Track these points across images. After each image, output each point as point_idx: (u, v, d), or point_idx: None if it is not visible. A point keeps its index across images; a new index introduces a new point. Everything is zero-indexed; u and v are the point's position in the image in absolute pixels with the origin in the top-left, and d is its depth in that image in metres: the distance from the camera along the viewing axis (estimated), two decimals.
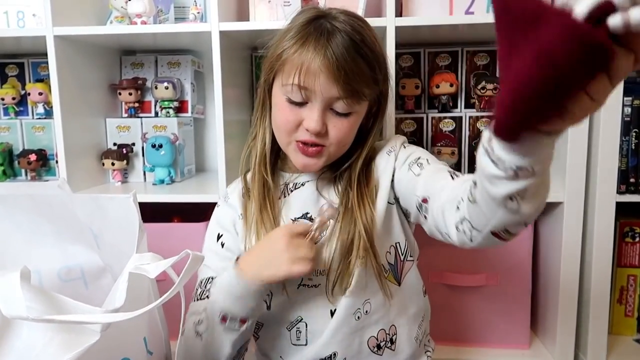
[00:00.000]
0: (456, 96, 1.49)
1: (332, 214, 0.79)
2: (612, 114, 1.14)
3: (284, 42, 0.79)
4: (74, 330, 0.50)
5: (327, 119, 0.79)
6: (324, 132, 0.79)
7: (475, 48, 1.49)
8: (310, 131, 0.78)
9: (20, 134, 1.56)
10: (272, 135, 0.87)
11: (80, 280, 0.89)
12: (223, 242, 0.89)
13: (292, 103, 0.79)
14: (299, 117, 0.79)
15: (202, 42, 1.45)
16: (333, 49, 0.74)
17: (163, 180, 1.44)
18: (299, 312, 0.85)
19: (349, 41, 0.75)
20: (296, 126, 0.80)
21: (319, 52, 0.74)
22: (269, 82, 0.84)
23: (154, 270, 0.56)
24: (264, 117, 0.88)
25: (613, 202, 1.16)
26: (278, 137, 0.85)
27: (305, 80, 0.75)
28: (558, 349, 1.24)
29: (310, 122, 0.78)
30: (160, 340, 0.79)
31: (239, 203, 0.90)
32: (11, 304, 0.46)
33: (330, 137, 0.80)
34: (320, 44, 0.75)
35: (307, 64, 0.75)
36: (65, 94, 1.29)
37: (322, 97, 0.77)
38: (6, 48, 1.55)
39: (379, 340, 0.84)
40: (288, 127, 0.81)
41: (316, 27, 0.77)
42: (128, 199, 0.76)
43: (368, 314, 0.83)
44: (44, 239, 0.85)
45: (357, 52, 0.76)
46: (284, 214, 0.87)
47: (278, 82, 0.81)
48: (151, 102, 1.57)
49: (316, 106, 0.77)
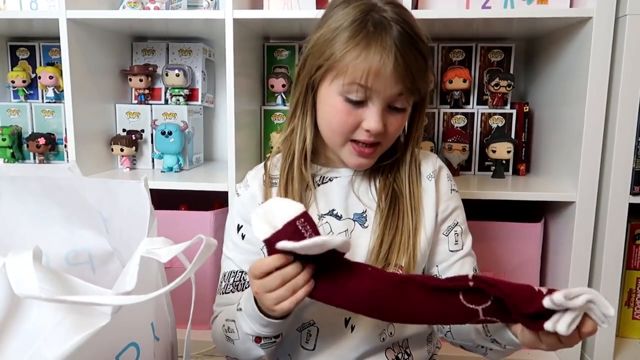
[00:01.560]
0: (469, 92, 1.48)
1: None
2: (627, 114, 1.12)
3: (342, 42, 0.74)
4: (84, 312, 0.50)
5: (384, 117, 0.76)
6: (383, 131, 0.76)
7: (489, 44, 1.47)
8: (372, 132, 0.75)
9: (30, 118, 1.56)
10: (313, 134, 0.83)
11: (87, 265, 0.89)
12: (243, 234, 0.86)
13: (351, 103, 0.75)
14: (358, 118, 0.76)
15: (214, 30, 1.44)
16: (398, 48, 0.71)
17: (172, 167, 1.44)
18: (311, 316, 0.82)
19: (407, 37, 0.72)
20: (354, 128, 0.77)
21: (388, 54, 0.71)
22: (316, 81, 0.79)
23: (166, 255, 0.55)
24: (304, 116, 0.83)
25: (626, 204, 1.15)
26: (330, 138, 0.81)
27: (371, 80, 0.72)
28: (564, 350, 1.23)
29: (370, 122, 0.75)
30: (167, 327, 0.79)
31: (260, 191, 0.86)
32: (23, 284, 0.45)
33: (386, 135, 0.78)
34: (387, 44, 0.71)
35: (377, 66, 0.72)
36: (76, 78, 1.29)
37: (384, 96, 0.74)
38: (18, 30, 1.55)
39: (395, 353, 0.83)
40: (345, 129, 0.77)
41: (373, 24, 0.73)
42: (139, 184, 0.75)
43: (392, 336, 0.82)
44: (52, 221, 0.84)
45: (415, 48, 0.73)
46: (311, 207, 0.84)
47: (334, 83, 0.76)
48: (161, 89, 1.56)
49: (377, 105, 0.75)
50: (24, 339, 0.51)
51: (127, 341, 0.63)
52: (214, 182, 1.27)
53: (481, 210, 1.19)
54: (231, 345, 0.79)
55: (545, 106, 1.41)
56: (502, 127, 1.45)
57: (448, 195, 0.87)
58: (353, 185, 0.85)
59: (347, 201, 0.84)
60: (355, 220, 0.83)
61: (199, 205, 1.38)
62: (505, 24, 1.28)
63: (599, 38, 1.12)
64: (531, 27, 1.34)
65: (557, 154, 1.31)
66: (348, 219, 0.83)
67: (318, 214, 0.84)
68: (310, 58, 0.79)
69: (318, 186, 0.85)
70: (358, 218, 0.83)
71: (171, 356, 0.81)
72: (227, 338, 0.79)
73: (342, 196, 0.85)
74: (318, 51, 0.77)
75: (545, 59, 1.40)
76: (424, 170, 0.87)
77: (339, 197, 0.84)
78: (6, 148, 1.50)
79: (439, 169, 0.88)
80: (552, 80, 1.36)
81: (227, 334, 0.79)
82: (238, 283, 0.85)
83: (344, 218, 0.83)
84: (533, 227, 1.27)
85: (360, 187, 0.86)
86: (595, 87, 1.13)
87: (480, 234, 1.14)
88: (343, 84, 0.74)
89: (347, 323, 0.81)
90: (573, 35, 1.21)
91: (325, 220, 0.83)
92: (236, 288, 0.85)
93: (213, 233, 1.29)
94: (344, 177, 0.86)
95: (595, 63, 1.12)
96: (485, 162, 1.47)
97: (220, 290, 0.86)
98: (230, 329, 0.78)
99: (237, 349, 0.79)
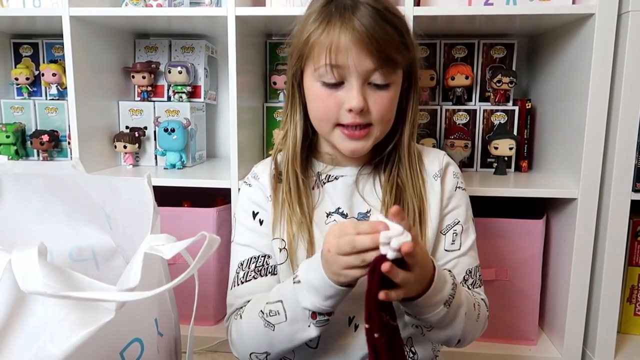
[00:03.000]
0: (471, 89, 1.48)
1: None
2: (630, 110, 1.12)
3: (308, 26, 0.76)
4: (88, 308, 0.50)
5: (367, 95, 0.75)
6: (367, 109, 0.76)
7: (492, 40, 1.47)
8: (353, 110, 0.74)
9: (33, 115, 1.57)
10: (303, 130, 0.84)
11: (91, 261, 0.89)
12: (261, 219, 0.85)
13: (328, 86, 0.76)
14: (338, 100, 0.76)
15: (216, 27, 1.44)
16: (360, 20, 0.71)
17: (174, 164, 1.44)
18: None
19: (372, 11, 0.72)
20: (337, 111, 0.77)
21: (347, 27, 0.72)
22: (299, 73, 0.81)
23: (169, 251, 0.55)
24: (293, 113, 0.84)
25: (628, 200, 1.15)
26: (319, 128, 0.82)
27: (338, 58, 0.73)
28: (566, 345, 1.24)
29: (350, 100, 0.74)
30: (170, 323, 0.79)
31: (269, 185, 0.86)
32: (29, 280, 0.46)
33: (373, 114, 0.76)
34: (346, 18, 0.72)
35: (337, 41, 0.72)
36: (79, 75, 1.29)
37: (357, 72, 0.74)
38: (21, 28, 1.55)
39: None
40: (328, 114, 0.77)
41: (337, 4, 0.74)
42: (142, 180, 0.75)
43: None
44: (56, 218, 0.84)
45: (384, 19, 0.73)
46: (318, 205, 0.84)
47: (309, 70, 0.78)
48: (164, 86, 1.56)
49: (353, 83, 0.74)
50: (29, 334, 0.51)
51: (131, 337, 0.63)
52: (216, 179, 1.28)
53: (483, 207, 1.19)
54: (270, 333, 0.74)
55: (548, 103, 1.41)
56: (504, 123, 1.45)
57: (451, 193, 0.86)
58: (358, 185, 0.85)
59: (351, 200, 0.84)
60: (359, 220, 0.83)
61: (202, 202, 1.38)
62: (508, 21, 1.28)
63: (602, 35, 1.12)
64: (533, 24, 1.33)
65: (559, 150, 1.31)
66: (353, 218, 0.84)
67: (326, 212, 0.84)
68: (291, 52, 0.82)
69: (324, 184, 0.86)
70: (362, 218, 0.83)
71: (175, 352, 0.82)
72: (266, 324, 0.75)
73: (347, 195, 0.85)
74: (294, 43, 0.80)
75: (547, 55, 1.40)
76: (430, 169, 0.86)
77: (344, 196, 0.85)
78: (10, 145, 1.51)
79: (445, 167, 0.87)
80: (554, 77, 1.36)
81: (268, 318, 0.74)
82: (261, 268, 0.83)
83: (349, 217, 0.84)
84: (535, 223, 1.27)
85: (365, 187, 0.85)
86: (597, 83, 1.13)
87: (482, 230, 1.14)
88: (315, 68, 0.76)
89: (351, 322, 0.81)
90: (575, 32, 1.21)
91: (332, 219, 0.83)
92: (259, 274, 0.83)
93: (216, 230, 1.30)
94: (349, 176, 0.86)
95: (598, 60, 1.12)
96: (488, 158, 1.47)
97: (238, 280, 0.84)
98: (272, 312, 0.74)
99: (278, 334, 0.74)
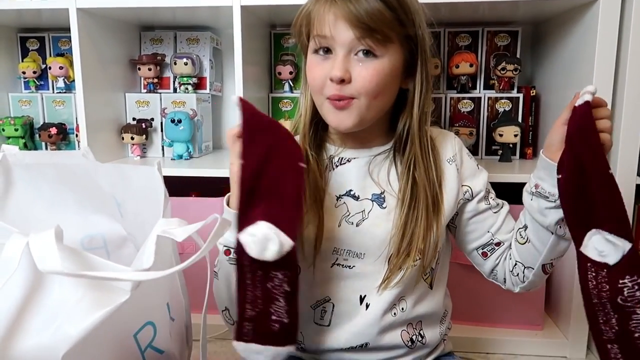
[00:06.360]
0: (475, 77, 1.48)
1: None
2: (634, 96, 1.12)
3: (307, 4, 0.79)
4: (104, 288, 0.52)
5: (351, 67, 0.75)
6: (349, 80, 0.75)
7: (496, 28, 1.47)
8: (333, 79, 0.75)
9: (41, 108, 1.58)
10: (312, 105, 0.84)
11: (102, 249, 0.90)
12: None
13: (319, 57, 0.78)
14: (325, 70, 0.76)
15: (221, 18, 1.45)
16: None
17: (181, 155, 1.46)
18: (327, 292, 0.83)
19: None
20: (323, 81, 0.77)
21: None
22: (304, 49, 0.83)
23: (181, 234, 0.57)
24: (305, 88, 0.86)
25: (633, 185, 1.16)
26: (315, 101, 0.82)
27: (323, 28, 0.75)
28: (572, 331, 1.25)
29: (332, 70, 0.75)
30: (181, 309, 0.81)
31: None
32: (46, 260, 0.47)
33: (356, 85, 0.75)
34: None
35: (322, 13, 0.75)
36: (86, 68, 1.30)
37: (340, 42, 0.74)
38: (27, 21, 1.57)
39: (410, 335, 0.84)
40: (318, 83, 0.78)
41: None
42: (153, 168, 0.77)
43: (404, 311, 0.83)
44: (66, 207, 0.85)
45: None
46: (328, 188, 0.85)
47: (310, 43, 0.80)
48: (170, 78, 1.57)
49: (338, 53, 0.75)
50: (46, 315, 0.52)
51: (144, 320, 0.64)
52: (223, 169, 1.29)
53: None
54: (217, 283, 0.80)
55: (552, 90, 1.41)
56: (509, 111, 1.45)
57: (475, 172, 0.88)
58: (370, 168, 0.85)
59: (364, 182, 0.84)
60: (374, 201, 0.83)
61: (209, 193, 1.39)
62: (512, 8, 1.28)
63: (606, 21, 1.12)
64: (537, 11, 1.33)
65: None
66: (366, 199, 0.83)
67: (336, 195, 0.84)
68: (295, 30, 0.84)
69: (336, 167, 0.86)
70: (376, 199, 0.83)
71: (186, 337, 0.83)
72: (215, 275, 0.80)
73: (360, 177, 0.84)
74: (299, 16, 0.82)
75: (551, 42, 1.40)
76: (443, 153, 0.87)
77: (356, 178, 0.84)
78: (18, 138, 1.52)
79: (459, 150, 0.88)
80: (558, 64, 1.36)
81: (215, 270, 0.80)
82: None
83: (361, 198, 0.83)
84: None
85: (380, 171, 0.85)
86: (601, 70, 1.13)
87: None
88: (310, 39, 0.79)
89: (362, 300, 0.82)
90: (579, 18, 1.21)
91: (342, 201, 0.83)
92: None
93: None
94: (361, 158, 0.85)
95: (602, 46, 1.12)
96: (493, 146, 1.47)
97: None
98: (217, 263, 0.80)
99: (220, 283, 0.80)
